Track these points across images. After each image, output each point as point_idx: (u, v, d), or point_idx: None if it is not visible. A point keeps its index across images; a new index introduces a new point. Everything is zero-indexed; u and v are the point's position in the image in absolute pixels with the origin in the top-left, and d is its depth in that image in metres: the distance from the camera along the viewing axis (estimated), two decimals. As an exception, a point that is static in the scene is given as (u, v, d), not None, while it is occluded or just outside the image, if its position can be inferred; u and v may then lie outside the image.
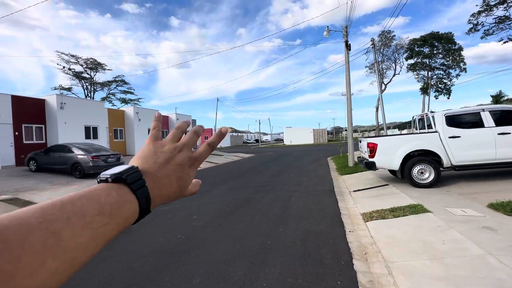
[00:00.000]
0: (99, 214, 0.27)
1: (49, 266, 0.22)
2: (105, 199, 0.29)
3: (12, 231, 0.21)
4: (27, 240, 0.21)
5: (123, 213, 0.30)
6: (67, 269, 0.24)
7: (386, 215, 4.30)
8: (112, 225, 0.28)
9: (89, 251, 0.26)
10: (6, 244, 0.20)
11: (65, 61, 29.44)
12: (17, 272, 0.20)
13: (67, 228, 0.24)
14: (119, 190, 0.31)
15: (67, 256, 0.23)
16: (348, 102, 11.49)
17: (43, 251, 0.21)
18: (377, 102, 29.92)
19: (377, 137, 7.00)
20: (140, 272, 2.93)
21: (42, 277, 0.21)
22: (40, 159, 11.32)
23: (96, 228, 0.26)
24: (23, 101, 14.66)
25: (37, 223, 0.22)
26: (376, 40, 16.56)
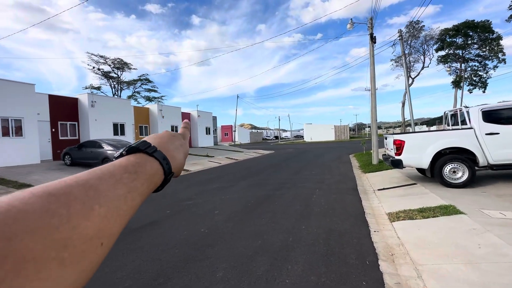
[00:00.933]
0: (125, 172, 0.30)
1: (97, 211, 0.24)
2: (126, 163, 0.32)
3: (54, 187, 0.23)
4: (71, 192, 0.23)
5: (147, 170, 0.33)
6: (115, 217, 0.26)
7: (414, 216, 4.11)
8: (140, 180, 0.31)
9: (129, 202, 0.28)
10: (53, 196, 0.22)
11: (95, 62, 31.19)
12: (71, 214, 0.22)
13: (101, 183, 0.26)
14: (136, 156, 0.34)
15: (111, 205, 0.26)
16: (373, 98, 11.05)
17: (88, 200, 0.24)
18: (403, 97, 28.50)
19: (404, 133, 6.68)
20: (167, 263, 3.06)
21: (95, 220, 0.24)
22: (74, 154, 12.14)
23: (127, 183, 0.29)
24: (58, 100, 15.75)
25: (74, 182, 0.25)
26: (403, 32, 15.69)
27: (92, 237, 0.23)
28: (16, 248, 0.18)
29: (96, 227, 0.24)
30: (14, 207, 0.20)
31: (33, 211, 0.20)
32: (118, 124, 18.44)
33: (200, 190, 7.24)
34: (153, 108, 22.89)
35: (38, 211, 0.21)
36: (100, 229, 0.24)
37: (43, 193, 0.22)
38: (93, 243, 0.23)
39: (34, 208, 0.20)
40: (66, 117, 16.07)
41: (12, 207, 0.20)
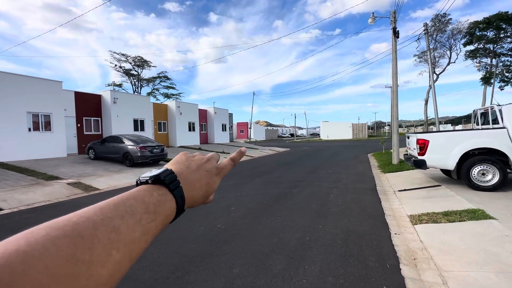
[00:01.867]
0: (145, 212, 0.30)
1: (114, 257, 0.25)
2: (148, 199, 0.32)
3: (82, 227, 0.23)
4: (96, 235, 0.24)
5: (164, 211, 0.33)
6: (127, 261, 0.27)
7: (438, 219, 3.92)
8: (157, 222, 0.32)
9: (141, 245, 0.29)
10: (82, 238, 0.23)
11: (117, 60, 32.33)
12: (92, 261, 0.22)
13: (123, 224, 0.27)
14: (159, 191, 0.34)
15: (126, 249, 0.26)
16: (394, 95, 10.63)
17: (108, 243, 0.24)
18: (426, 94, 27.25)
19: (429, 132, 6.36)
20: (185, 257, 3.12)
21: (110, 267, 0.24)
22: (98, 149, 12.70)
23: (144, 225, 0.29)
24: (83, 97, 16.51)
25: (100, 220, 0.25)
26: (429, 25, 14.90)
27: (104, 284, 0.23)
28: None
29: (109, 274, 0.24)
30: (47, 251, 0.20)
31: (62, 258, 0.20)
32: (138, 120, 19.05)
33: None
34: (171, 105, 23.42)
35: (67, 258, 0.21)
36: (112, 276, 0.24)
37: (73, 233, 0.22)
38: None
39: (63, 254, 0.21)
40: (90, 113, 16.82)
41: (45, 250, 0.20)
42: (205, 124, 27.54)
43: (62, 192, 7.23)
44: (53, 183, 8.07)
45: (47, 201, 6.38)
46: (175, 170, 0.38)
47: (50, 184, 7.92)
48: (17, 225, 4.62)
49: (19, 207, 5.89)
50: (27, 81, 12.64)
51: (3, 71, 12.01)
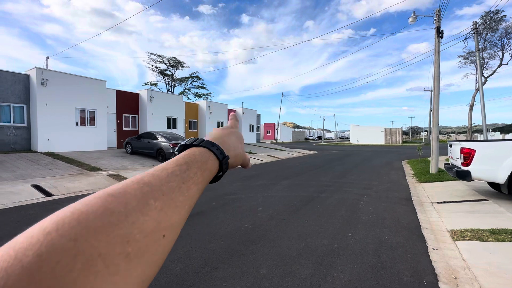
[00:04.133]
0: (176, 165, 0.32)
1: (153, 205, 0.26)
2: (176, 157, 0.34)
3: (113, 188, 0.25)
4: (126, 191, 0.25)
5: (197, 158, 0.35)
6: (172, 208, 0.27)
7: (484, 237, 3.57)
8: (193, 170, 0.33)
9: (184, 191, 0.30)
10: (112, 196, 0.24)
11: (153, 60, 34.23)
12: (128, 211, 0.24)
13: (154, 179, 0.28)
14: (186, 151, 0.37)
15: (166, 197, 0.27)
16: (435, 99, 9.89)
17: (142, 195, 0.26)
18: (472, 98, 24.89)
19: (475, 141, 5.81)
20: (214, 253, 3.22)
21: (153, 215, 0.25)
22: (134, 144, 13.57)
23: (179, 175, 0.31)
24: (123, 95, 17.75)
25: (129, 181, 0.27)
26: (478, 24, 13.62)
27: (152, 230, 0.24)
28: (82, 248, 0.20)
29: (154, 221, 0.25)
30: (77, 210, 0.22)
31: (93, 212, 0.22)
32: (171, 118, 20.00)
33: (243, 186, 7.43)
34: (202, 104, 24.22)
35: (98, 211, 0.22)
36: (159, 222, 0.25)
37: (103, 194, 0.24)
38: (154, 236, 0.24)
39: (94, 209, 0.22)
40: (129, 110, 18.03)
41: (76, 209, 0.22)
42: (233, 124, 28.01)
43: (103, 182, 7.85)
44: (95, 174, 8.80)
45: (90, 190, 6.97)
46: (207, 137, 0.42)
47: (93, 175, 8.65)
48: (66, 210, 5.12)
49: (67, 194, 6.52)
50: (76, 80, 13.94)
51: (58, 71, 13.39)
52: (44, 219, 0.21)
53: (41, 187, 6.87)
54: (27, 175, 8.06)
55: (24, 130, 12.71)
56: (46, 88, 12.67)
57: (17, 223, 4.35)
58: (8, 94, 12.18)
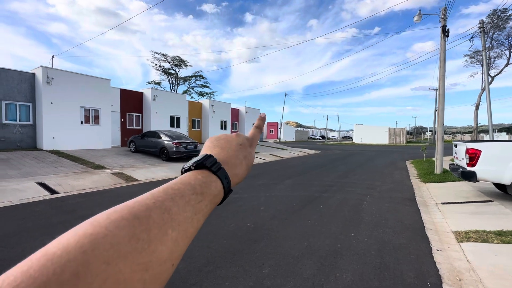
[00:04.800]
0: (193, 193, 0.32)
1: (170, 236, 0.27)
2: (194, 182, 0.34)
3: (138, 210, 0.26)
4: (150, 216, 0.26)
5: (211, 191, 0.35)
6: (183, 239, 0.28)
7: (489, 239, 3.53)
8: (205, 202, 0.33)
9: (194, 224, 0.30)
10: (138, 219, 0.25)
11: (157, 59, 34.37)
12: (151, 239, 0.25)
13: (174, 205, 0.29)
14: (203, 174, 0.36)
15: (181, 228, 0.28)
16: (441, 98, 9.78)
17: (163, 223, 0.26)
18: (478, 98, 24.59)
19: (481, 141, 5.74)
20: (216, 252, 3.23)
21: (168, 244, 0.26)
22: (138, 142, 13.65)
23: (194, 205, 0.31)
24: (127, 94, 17.86)
25: (152, 203, 0.27)
26: (485, 22, 13.42)
27: (166, 260, 0.25)
28: (113, 272, 0.21)
29: (169, 251, 0.26)
30: (110, 232, 0.22)
31: (124, 236, 0.23)
32: (174, 117, 20.08)
33: (246, 185, 7.44)
34: (205, 103, 24.27)
35: (128, 236, 0.23)
36: (172, 252, 0.26)
37: (130, 215, 0.25)
38: (166, 265, 0.25)
39: (124, 233, 0.23)
40: (133, 109, 18.14)
41: (109, 231, 0.22)
42: (236, 123, 28.08)
43: (107, 180, 7.92)
44: (99, 172, 8.88)
45: (95, 188, 7.04)
46: (213, 151, 0.41)
47: (97, 173, 8.73)
48: (71, 208, 5.17)
49: (72, 191, 6.59)
50: (81, 79, 14.05)
51: (63, 70, 13.51)
52: (79, 231, 0.22)
53: (47, 184, 6.95)
54: (33, 173, 8.16)
55: (30, 128, 12.86)
56: (52, 86, 12.80)
57: (22, 220, 4.40)
58: (14, 92, 12.34)
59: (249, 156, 0.45)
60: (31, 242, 3.51)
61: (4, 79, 12.06)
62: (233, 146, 0.43)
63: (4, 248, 3.27)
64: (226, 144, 0.43)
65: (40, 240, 3.59)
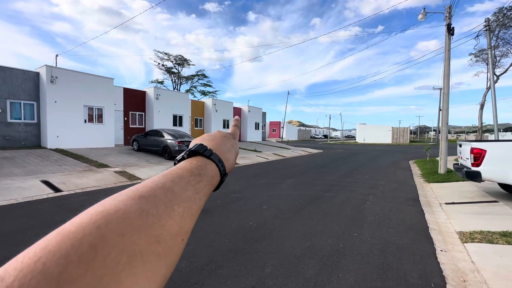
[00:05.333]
0: (191, 175, 0.34)
1: (177, 211, 0.28)
2: (190, 166, 0.36)
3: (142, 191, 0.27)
4: (156, 195, 0.27)
5: (208, 172, 0.37)
6: (189, 216, 0.30)
7: (494, 239, 3.49)
8: (204, 182, 0.35)
9: (197, 202, 0.32)
10: (144, 198, 0.26)
11: (160, 58, 34.46)
12: (159, 214, 0.26)
13: (175, 185, 0.30)
14: (197, 159, 0.38)
15: (185, 204, 0.29)
16: (445, 98, 9.69)
17: (168, 200, 0.28)
18: (483, 97, 24.36)
19: (486, 141, 5.68)
20: (218, 251, 3.23)
21: (176, 219, 0.27)
22: (141, 141, 13.70)
23: (194, 185, 0.33)
24: (130, 93, 17.92)
25: (154, 185, 0.29)
26: (491, 20, 13.24)
27: (176, 233, 0.27)
28: (128, 243, 0.22)
29: (177, 225, 0.27)
30: (120, 209, 0.24)
31: (134, 211, 0.24)
32: (177, 115, 20.13)
33: (248, 184, 7.44)
34: (208, 102, 24.29)
35: (138, 211, 0.24)
36: (181, 227, 0.28)
37: (136, 195, 0.26)
38: (177, 239, 0.27)
39: (134, 209, 0.24)
40: (136, 107, 18.21)
41: (119, 208, 0.24)
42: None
43: (110, 179, 7.96)
44: (102, 170, 8.93)
45: (98, 186, 7.08)
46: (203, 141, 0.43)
47: (100, 171, 8.78)
48: (74, 206, 5.21)
49: (75, 190, 6.63)
50: (85, 78, 14.12)
51: (67, 69, 13.60)
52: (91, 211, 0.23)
53: (51, 182, 7.00)
54: (37, 171, 8.23)
55: (34, 126, 12.97)
56: (56, 85, 12.88)
57: (27, 218, 4.44)
58: (19, 91, 12.44)
59: (235, 146, 0.49)
60: (35, 239, 3.46)
61: (9, 78, 12.16)
62: (218, 138, 0.46)
63: (10, 246, 3.31)
64: (211, 137, 0.46)
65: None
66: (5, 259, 1.44)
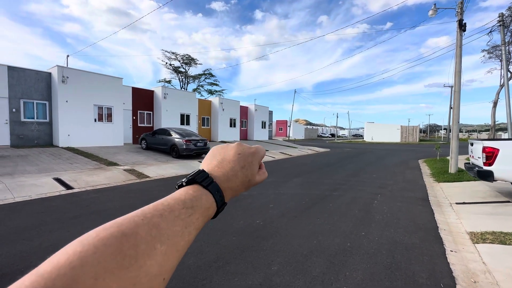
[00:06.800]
0: (183, 207, 0.33)
1: (159, 250, 0.27)
2: (185, 197, 0.35)
3: (126, 227, 0.27)
4: (138, 233, 0.27)
5: (202, 204, 0.35)
6: (174, 252, 0.29)
7: (507, 240, 3.41)
8: (196, 215, 0.34)
9: (185, 237, 0.31)
10: (126, 236, 0.26)
11: (167, 58, 34.78)
12: (138, 255, 0.26)
13: (162, 221, 0.30)
14: (194, 188, 0.37)
15: (170, 242, 0.29)
16: (456, 95, 9.47)
17: (151, 239, 0.27)
18: (496, 95, 23.68)
19: (498, 140, 5.53)
20: (226, 248, 3.26)
21: (157, 258, 0.27)
22: (149, 140, 13.89)
23: (184, 219, 0.32)
24: (139, 92, 18.18)
25: (140, 220, 0.28)
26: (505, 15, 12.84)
27: (155, 274, 0.26)
28: (101, 286, 0.22)
29: (158, 265, 0.27)
30: (98, 249, 0.24)
31: (111, 253, 0.24)
32: (184, 114, 20.31)
33: (255, 183, 7.45)
34: (214, 101, 24.41)
35: (115, 253, 0.24)
36: (162, 266, 0.27)
37: (118, 232, 0.26)
38: (156, 280, 0.26)
39: (111, 250, 0.24)
40: (144, 107, 18.46)
41: (97, 249, 0.24)
42: (245, 121, 28.10)
43: (120, 177, 8.11)
44: (112, 169, 9.10)
45: (108, 184, 7.23)
46: (207, 168, 0.41)
47: (110, 169, 8.95)
48: (85, 203, 5.34)
49: (86, 187, 6.79)
50: (94, 78, 14.40)
51: (78, 69, 13.89)
52: (69, 249, 0.24)
53: (62, 180, 7.19)
54: (49, 169, 8.46)
55: (46, 125, 13.31)
56: (67, 85, 13.18)
57: (40, 214, 4.58)
58: (31, 91, 12.78)
59: (248, 166, 0.43)
60: (49, 235, 3.65)
61: (22, 78, 12.51)
62: (230, 157, 0.42)
63: (25, 241, 3.42)
64: (223, 156, 0.43)
65: (58, 233, 3.73)
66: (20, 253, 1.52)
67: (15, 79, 12.29)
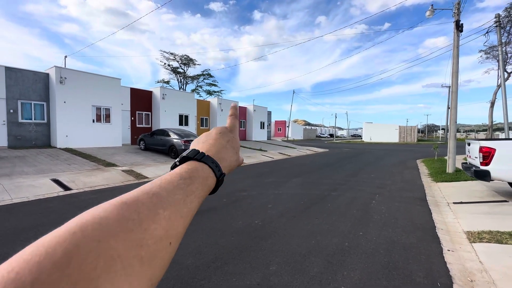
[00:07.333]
0: (180, 179, 0.33)
1: (162, 215, 0.28)
2: (180, 170, 0.35)
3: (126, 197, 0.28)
4: (138, 200, 0.28)
5: (199, 174, 0.36)
6: (178, 219, 0.30)
7: (504, 240, 3.44)
8: (196, 184, 0.34)
9: (188, 204, 0.32)
10: (126, 204, 0.27)
11: (166, 58, 34.74)
12: (141, 219, 0.26)
13: (161, 190, 0.30)
14: (188, 163, 0.38)
15: (173, 208, 0.29)
16: (454, 96, 9.52)
17: (153, 205, 0.28)
18: (493, 95, 23.83)
19: (495, 140, 5.57)
20: (224, 248, 3.27)
21: (162, 223, 0.27)
22: (147, 140, 13.87)
23: (183, 188, 0.32)
24: (137, 93, 18.14)
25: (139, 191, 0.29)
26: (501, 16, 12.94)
27: (161, 237, 0.27)
28: (105, 248, 0.22)
29: (163, 229, 0.27)
30: (97, 215, 0.24)
31: (113, 217, 0.24)
32: (183, 115, 20.29)
33: (254, 183, 7.47)
34: (213, 102, 24.41)
35: (117, 217, 0.25)
36: (167, 230, 0.28)
37: (118, 202, 0.27)
38: (163, 243, 0.27)
39: (113, 215, 0.25)
40: (142, 107, 18.42)
41: (97, 215, 0.24)
42: (244, 121, 28.11)
43: (118, 178, 8.10)
44: (110, 169, 9.08)
45: (106, 185, 7.21)
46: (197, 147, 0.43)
47: (108, 170, 8.93)
48: (83, 204, 5.33)
49: (84, 188, 6.77)
50: (93, 78, 14.36)
51: (75, 70, 13.84)
52: (69, 222, 0.24)
53: (60, 181, 7.17)
54: (47, 170, 8.43)
55: (44, 126, 13.26)
56: (65, 86, 13.14)
57: (38, 215, 4.57)
58: (29, 92, 12.73)
59: (233, 140, 0.47)
60: None
61: (20, 79, 12.46)
62: (212, 136, 0.45)
63: (23, 242, 3.41)
64: (206, 138, 0.45)
65: (55, 234, 3.72)
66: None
67: (12, 79, 12.24)
